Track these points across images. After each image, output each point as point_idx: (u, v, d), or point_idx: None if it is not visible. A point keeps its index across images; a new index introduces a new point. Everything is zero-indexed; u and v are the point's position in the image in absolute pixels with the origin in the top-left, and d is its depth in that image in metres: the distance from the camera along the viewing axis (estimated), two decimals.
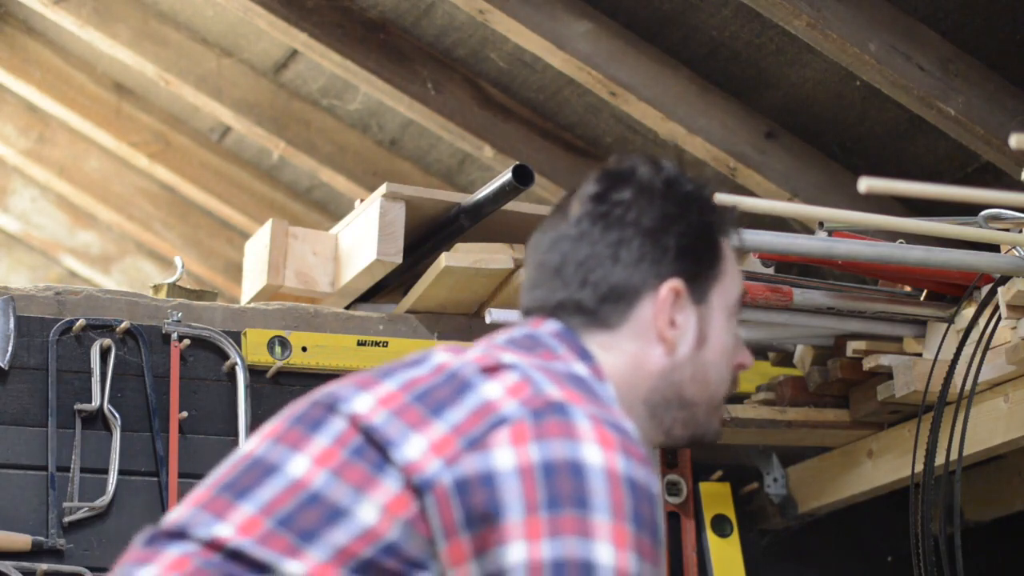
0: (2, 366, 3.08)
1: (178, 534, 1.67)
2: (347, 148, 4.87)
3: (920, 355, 3.07)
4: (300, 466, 1.64)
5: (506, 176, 3.16)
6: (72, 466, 3.08)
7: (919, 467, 2.93)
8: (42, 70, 5.42)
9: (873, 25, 3.04)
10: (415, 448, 1.59)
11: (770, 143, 3.61)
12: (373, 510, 1.59)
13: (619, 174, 1.83)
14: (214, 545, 1.63)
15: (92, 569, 3.03)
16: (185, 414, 3.16)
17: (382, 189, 3.29)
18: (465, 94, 4.17)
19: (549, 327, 1.79)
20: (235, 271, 5.53)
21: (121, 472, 3.11)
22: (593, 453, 1.54)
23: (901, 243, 2.91)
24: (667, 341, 1.79)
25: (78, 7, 4.67)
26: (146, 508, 3.11)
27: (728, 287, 1.84)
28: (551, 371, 1.67)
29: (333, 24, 4.11)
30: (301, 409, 1.72)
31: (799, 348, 3.34)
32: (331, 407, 1.68)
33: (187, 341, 3.21)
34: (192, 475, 3.15)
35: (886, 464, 3.25)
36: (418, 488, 1.57)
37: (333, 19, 4.11)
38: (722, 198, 2.36)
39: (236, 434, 3.18)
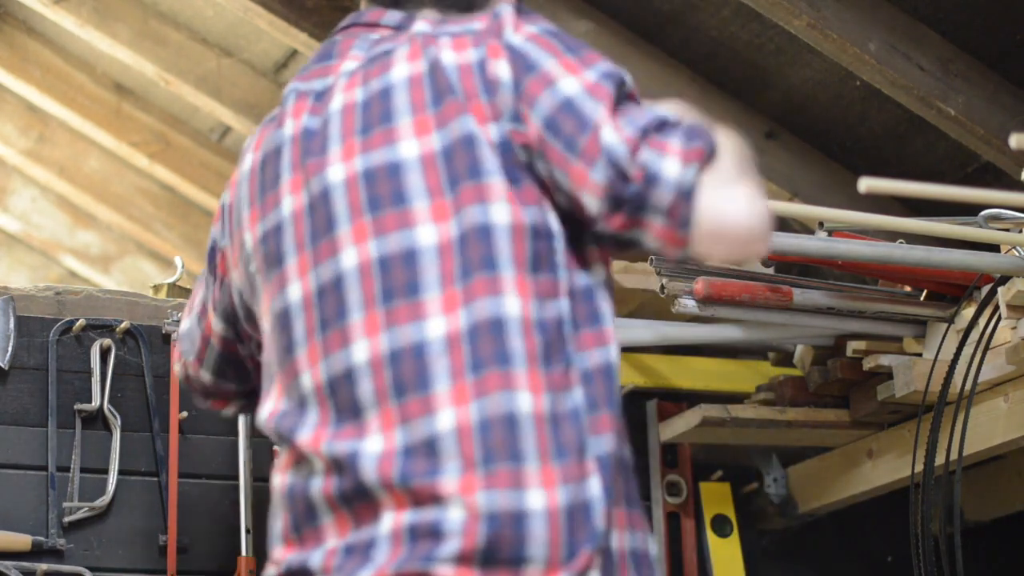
0: (2, 366, 3.08)
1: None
2: None
3: (920, 355, 3.07)
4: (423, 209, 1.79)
5: None
6: (72, 466, 3.08)
7: (919, 467, 2.93)
8: (42, 70, 5.42)
9: (873, 25, 3.04)
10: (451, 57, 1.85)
11: (770, 143, 3.61)
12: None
13: None
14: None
15: (92, 569, 3.03)
16: (185, 414, 3.16)
17: None
18: None
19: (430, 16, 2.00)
20: None
21: (121, 472, 3.11)
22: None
23: (901, 243, 2.91)
24: None
25: (78, 7, 4.67)
26: (146, 508, 3.11)
27: None
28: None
29: (333, 24, 4.07)
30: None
31: (799, 348, 3.34)
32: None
33: None
34: (192, 475, 3.15)
35: (886, 464, 3.25)
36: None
37: (333, 19, 4.10)
38: None
39: (236, 434, 3.18)
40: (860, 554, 3.67)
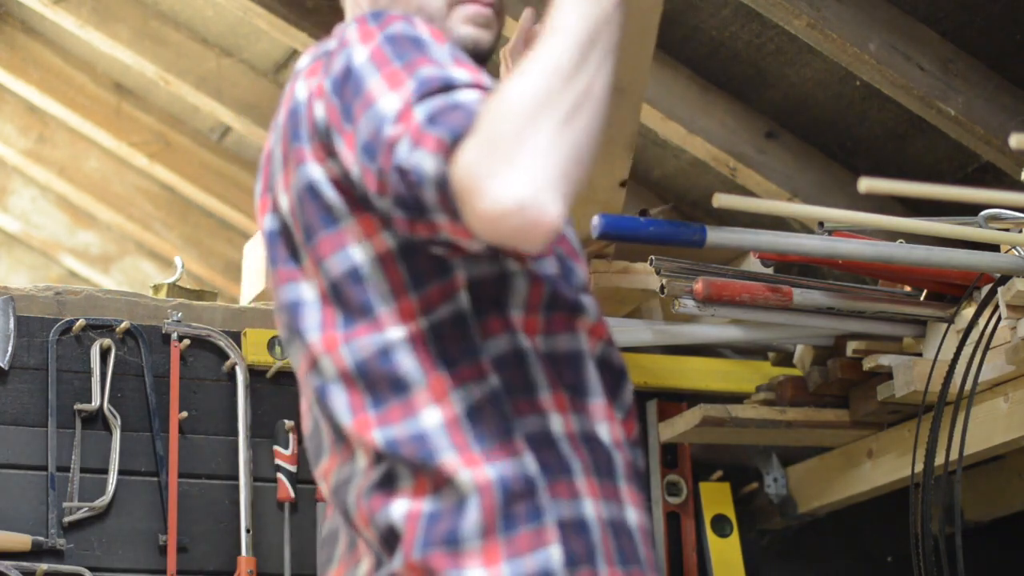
0: (2, 366, 3.08)
1: None
2: None
3: (920, 355, 3.07)
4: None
5: None
6: (72, 466, 3.08)
7: (919, 467, 2.93)
8: (42, 70, 5.42)
9: (873, 25, 3.04)
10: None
11: (770, 143, 3.61)
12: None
13: None
14: None
15: (92, 569, 3.03)
16: (185, 414, 3.16)
17: None
18: None
19: None
20: (235, 271, 5.53)
21: (121, 472, 3.11)
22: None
23: (901, 243, 2.91)
24: None
25: (78, 7, 4.67)
26: (146, 508, 3.11)
27: None
28: None
29: (333, 24, 4.09)
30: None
31: (799, 348, 3.34)
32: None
33: (187, 341, 3.21)
34: (192, 475, 3.15)
35: (886, 464, 3.25)
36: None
37: (333, 19, 4.07)
38: (722, 198, 2.37)
39: (236, 434, 3.18)
40: (860, 554, 3.67)
